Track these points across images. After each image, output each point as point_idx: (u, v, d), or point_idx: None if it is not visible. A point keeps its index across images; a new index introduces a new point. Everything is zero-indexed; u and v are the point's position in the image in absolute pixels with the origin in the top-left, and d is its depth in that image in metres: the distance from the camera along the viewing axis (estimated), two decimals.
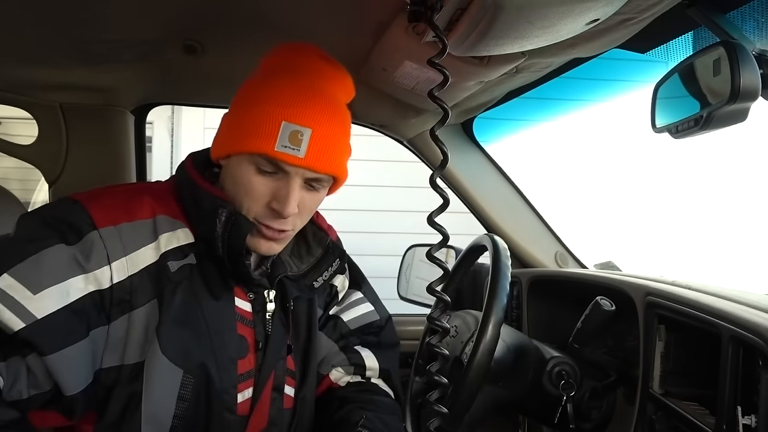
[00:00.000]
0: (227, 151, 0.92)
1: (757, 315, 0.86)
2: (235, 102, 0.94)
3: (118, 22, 1.12)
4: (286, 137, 0.86)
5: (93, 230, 0.85)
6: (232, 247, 0.90)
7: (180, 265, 0.91)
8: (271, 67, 0.94)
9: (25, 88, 1.57)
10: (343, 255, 1.10)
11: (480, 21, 0.75)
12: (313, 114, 0.88)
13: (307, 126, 0.87)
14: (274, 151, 0.86)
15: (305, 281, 1.04)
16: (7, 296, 0.79)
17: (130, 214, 0.90)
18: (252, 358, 0.96)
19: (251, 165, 0.89)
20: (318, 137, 0.88)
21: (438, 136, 0.72)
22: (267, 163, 0.88)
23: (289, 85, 0.90)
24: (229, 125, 0.93)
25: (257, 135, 0.87)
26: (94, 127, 1.66)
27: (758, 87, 0.80)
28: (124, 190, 0.96)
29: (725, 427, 0.84)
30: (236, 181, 0.91)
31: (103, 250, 0.85)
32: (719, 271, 3.92)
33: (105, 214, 0.87)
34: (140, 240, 0.89)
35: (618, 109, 3.77)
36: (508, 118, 1.98)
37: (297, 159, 0.87)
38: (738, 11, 0.89)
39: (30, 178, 3.64)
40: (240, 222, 0.90)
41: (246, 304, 0.97)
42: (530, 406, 1.24)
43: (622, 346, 1.28)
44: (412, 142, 1.79)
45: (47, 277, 0.81)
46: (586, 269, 1.72)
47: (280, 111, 0.87)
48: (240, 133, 0.89)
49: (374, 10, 1.02)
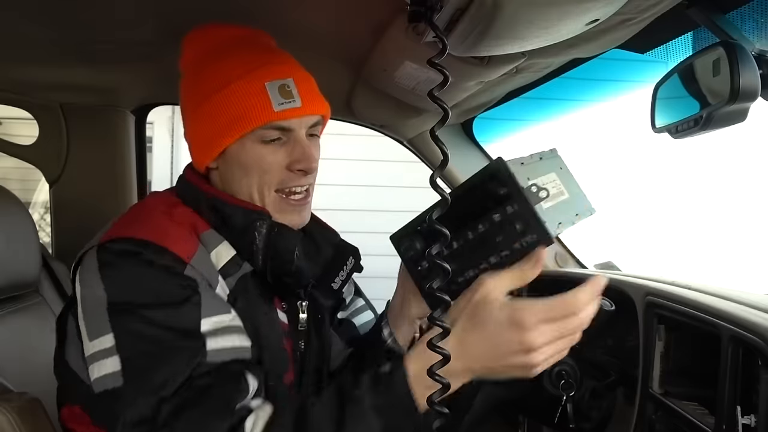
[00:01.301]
0: (221, 145, 0.88)
1: (757, 315, 0.86)
2: (192, 102, 0.90)
3: (119, 23, 1.12)
4: (277, 95, 0.84)
5: (186, 266, 0.82)
6: (277, 260, 0.87)
7: (237, 279, 0.87)
8: (201, 58, 0.91)
9: (25, 88, 1.57)
10: (357, 252, 1.06)
11: (480, 21, 0.75)
12: (282, 65, 0.88)
13: (287, 77, 0.86)
14: (275, 113, 0.84)
15: (323, 283, 1.00)
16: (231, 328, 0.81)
17: (191, 239, 0.85)
18: (292, 371, 0.93)
19: (255, 142, 0.87)
20: (301, 82, 0.87)
21: (438, 136, 0.72)
22: (271, 131, 0.86)
23: (237, 56, 0.88)
24: (207, 121, 0.88)
25: (249, 109, 0.84)
26: (94, 127, 1.66)
27: (758, 87, 0.80)
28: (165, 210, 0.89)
29: (725, 426, 0.84)
30: (246, 166, 0.88)
31: (204, 280, 0.83)
32: (719, 271, 3.92)
33: (182, 246, 0.83)
34: (209, 262, 0.86)
35: (618, 109, 3.77)
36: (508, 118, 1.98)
37: (297, 110, 0.86)
38: (737, 12, 0.89)
39: (30, 178, 3.64)
40: (284, 233, 0.87)
41: (283, 315, 0.94)
42: (530, 405, 1.24)
43: (622, 346, 1.28)
44: (412, 142, 1.79)
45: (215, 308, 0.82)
46: (586, 269, 1.73)
47: (254, 76, 0.85)
48: (227, 119, 0.86)
49: (374, 10, 1.02)
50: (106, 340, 0.77)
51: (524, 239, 0.72)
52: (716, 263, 4.04)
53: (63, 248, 1.68)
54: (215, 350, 0.78)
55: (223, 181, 0.92)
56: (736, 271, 3.93)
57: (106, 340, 0.77)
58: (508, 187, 0.72)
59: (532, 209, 0.71)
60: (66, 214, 1.68)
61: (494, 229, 0.74)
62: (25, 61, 1.37)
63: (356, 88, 1.44)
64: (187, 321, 0.79)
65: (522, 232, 0.72)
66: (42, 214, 3.39)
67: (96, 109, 1.65)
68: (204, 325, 0.79)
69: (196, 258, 0.83)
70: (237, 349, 0.81)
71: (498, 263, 0.75)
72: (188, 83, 0.93)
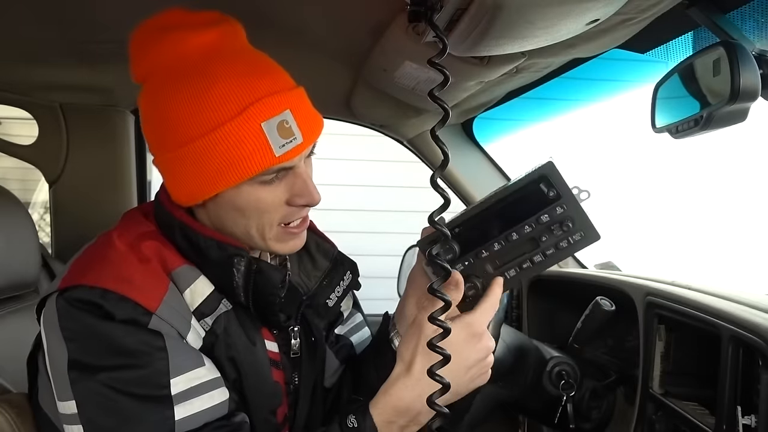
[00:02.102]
0: (211, 192, 0.78)
1: (757, 315, 0.86)
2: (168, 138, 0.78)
3: (118, 23, 1.12)
4: (276, 136, 0.75)
5: (151, 316, 0.75)
6: (260, 299, 0.81)
7: (215, 318, 0.81)
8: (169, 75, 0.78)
9: (25, 88, 1.57)
10: (355, 268, 0.99)
11: (480, 21, 0.75)
12: (277, 94, 0.76)
13: (284, 109, 0.76)
14: (276, 158, 0.75)
15: (317, 300, 0.94)
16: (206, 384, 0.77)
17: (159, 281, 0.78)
18: (286, 402, 0.89)
19: (252, 186, 0.77)
20: (297, 110, 0.77)
21: (438, 136, 0.72)
22: (273, 174, 0.77)
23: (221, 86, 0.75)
24: (192, 166, 0.77)
25: (246, 155, 0.74)
26: (94, 127, 1.66)
27: (758, 87, 0.80)
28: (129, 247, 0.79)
29: (725, 427, 0.84)
30: (242, 210, 0.79)
31: (172, 330, 0.76)
32: (719, 271, 3.92)
33: (145, 294, 0.76)
34: (181, 304, 0.79)
35: (618, 109, 3.77)
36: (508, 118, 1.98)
37: (300, 147, 0.76)
38: (738, 11, 0.89)
39: (29, 178, 3.63)
40: (264, 269, 0.81)
41: (273, 345, 0.88)
42: (530, 406, 1.24)
43: (622, 346, 1.28)
44: (412, 142, 1.79)
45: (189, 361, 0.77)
46: (586, 269, 1.72)
47: (249, 117, 0.74)
48: (219, 166, 0.75)
49: (374, 10, 1.02)
50: (71, 406, 0.73)
51: (572, 237, 0.78)
52: (716, 263, 4.04)
53: (63, 248, 1.68)
54: (188, 417, 0.74)
55: (213, 220, 0.83)
56: (736, 271, 3.93)
57: (71, 405, 0.73)
58: (557, 188, 0.77)
59: (581, 208, 0.78)
60: (66, 214, 1.68)
61: (540, 229, 0.78)
62: (25, 61, 1.37)
63: (356, 88, 1.44)
64: (152, 385, 0.73)
65: (570, 231, 0.78)
66: (42, 214, 3.39)
67: (96, 109, 1.65)
68: (175, 385, 0.74)
69: (164, 304, 0.76)
70: (212, 409, 0.76)
71: (542, 262, 0.80)
72: (155, 107, 0.80)
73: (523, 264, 0.80)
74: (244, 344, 0.83)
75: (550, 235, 0.78)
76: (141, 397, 0.72)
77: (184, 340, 0.78)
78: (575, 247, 0.78)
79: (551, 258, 0.79)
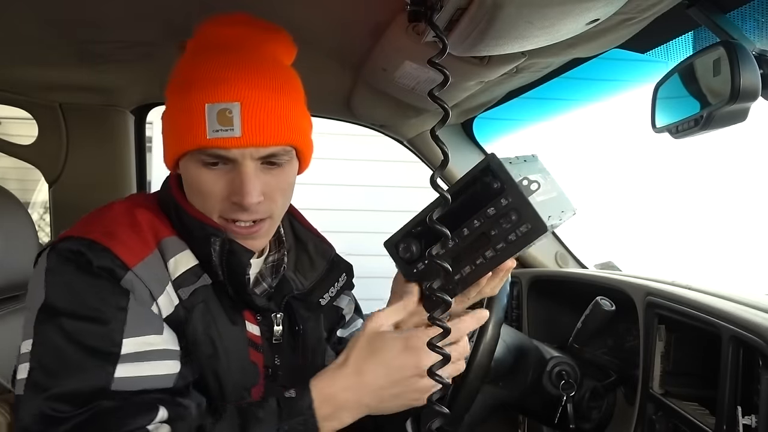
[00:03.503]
0: (172, 156, 0.84)
1: (757, 315, 0.86)
2: (167, 93, 0.86)
3: (118, 23, 1.12)
4: (214, 120, 0.77)
5: (128, 271, 0.78)
6: (233, 277, 0.85)
7: (192, 290, 0.84)
8: (194, 49, 0.86)
9: (25, 88, 1.57)
10: (350, 270, 1.03)
11: (480, 21, 0.75)
12: (237, 86, 0.78)
13: (232, 101, 0.77)
14: (206, 140, 0.77)
15: (311, 298, 0.97)
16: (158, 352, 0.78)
17: (145, 243, 0.82)
18: (263, 384, 0.90)
19: (197, 163, 0.81)
20: (250, 109, 0.78)
21: (438, 136, 0.72)
22: (209, 156, 0.80)
23: (211, 61, 0.81)
24: (166, 125, 0.85)
25: (188, 128, 0.79)
26: (94, 127, 1.66)
27: (758, 87, 0.80)
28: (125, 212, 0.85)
29: (725, 427, 0.84)
30: (189, 185, 0.84)
31: (144, 289, 0.79)
32: (719, 271, 3.92)
33: (128, 249, 0.80)
34: (162, 269, 0.82)
35: (618, 108, 3.77)
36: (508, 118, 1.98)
37: (234, 140, 0.77)
38: (738, 11, 0.89)
39: (29, 178, 3.64)
40: (236, 251, 0.84)
41: (255, 328, 0.90)
42: (530, 406, 1.24)
43: (622, 346, 1.28)
44: (412, 142, 1.79)
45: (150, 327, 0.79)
46: (586, 269, 1.73)
47: (201, 94, 0.78)
48: (175, 131, 0.82)
49: (374, 10, 1.02)
50: (27, 344, 0.76)
51: (519, 229, 0.75)
52: (716, 263, 4.04)
53: None
54: (128, 378, 0.75)
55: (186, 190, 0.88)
56: (736, 271, 3.93)
57: (28, 344, 0.76)
58: (501, 179, 0.75)
59: (525, 199, 0.74)
60: (65, 214, 1.68)
61: (489, 223, 0.77)
62: (24, 61, 1.37)
63: (356, 88, 1.44)
64: (104, 340, 0.75)
65: (516, 223, 0.75)
66: (41, 214, 3.39)
67: (96, 109, 1.64)
68: (127, 346, 0.76)
69: (144, 264, 0.80)
70: (155, 378, 0.77)
71: (494, 257, 0.77)
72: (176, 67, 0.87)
73: (476, 260, 0.78)
74: (224, 322, 0.86)
75: (499, 229, 0.76)
76: (90, 349, 0.74)
77: (154, 301, 0.80)
78: (525, 240, 0.75)
79: (503, 252, 0.77)
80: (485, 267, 0.78)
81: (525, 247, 0.76)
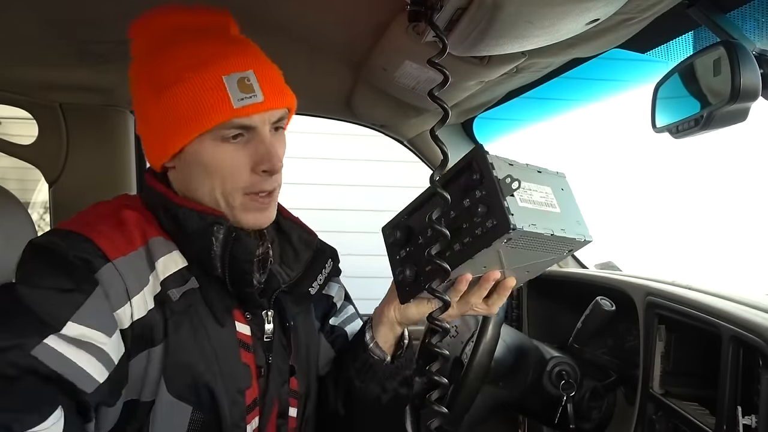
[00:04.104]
0: (177, 145, 0.82)
1: (757, 315, 0.86)
2: (142, 96, 0.84)
3: (118, 22, 1.12)
4: (236, 89, 0.78)
5: (107, 263, 0.76)
6: (235, 267, 0.82)
7: (182, 292, 0.81)
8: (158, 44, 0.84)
9: (25, 88, 1.57)
10: (335, 255, 1.01)
11: (480, 21, 0.75)
12: (245, 56, 0.81)
13: (247, 69, 0.80)
14: (234, 110, 0.78)
15: (299, 289, 0.95)
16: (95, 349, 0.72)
17: (130, 241, 0.80)
18: (256, 386, 0.88)
19: (215, 141, 0.80)
20: (263, 75, 0.81)
21: (438, 136, 0.72)
22: (231, 128, 0.80)
23: (191, 46, 0.81)
24: (159, 119, 0.82)
25: (206, 105, 0.78)
26: (94, 127, 1.66)
27: (758, 87, 0.80)
28: (110, 211, 0.84)
29: (725, 427, 0.84)
30: (207, 168, 0.82)
31: (121, 284, 0.76)
32: (720, 271, 3.92)
33: (111, 243, 0.77)
34: (145, 269, 0.80)
35: (618, 109, 3.77)
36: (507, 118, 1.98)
37: (259, 105, 0.79)
38: (738, 11, 0.89)
39: (28, 178, 3.63)
40: (242, 237, 0.82)
41: (245, 327, 0.87)
42: (530, 406, 1.24)
43: (622, 346, 1.28)
44: (412, 142, 1.79)
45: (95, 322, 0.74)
46: (587, 269, 1.72)
47: (210, 69, 0.78)
48: (182, 116, 0.79)
49: (374, 10, 1.02)
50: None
51: (486, 224, 0.72)
52: (716, 263, 4.04)
53: None
54: (56, 352, 0.70)
55: (182, 182, 0.86)
56: (736, 271, 3.93)
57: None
58: (480, 171, 0.74)
59: (497, 193, 0.72)
60: (65, 214, 1.67)
61: (463, 215, 0.75)
62: (24, 61, 1.36)
63: (356, 88, 1.44)
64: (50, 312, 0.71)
65: (484, 216, 0.72)
66: (41, 214, 3.39)
67: (96, 108, 1.64)
68: (68, 327, 0.71)
69: (126, 259, 0.77)
70: (80, 371, 0.71)
71: (461, 251, 0.75)
72: (138, 73, 0.86)
73: (446, 252, 0.75)
74: (212, 326, 0.83)
75: (470, 222, 0.74)
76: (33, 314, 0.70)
77: (128, 300, 0.76)
78: (489, 236, 0.71)
79: (469, 248, 0.74)
80: (454, 259, 0.75)
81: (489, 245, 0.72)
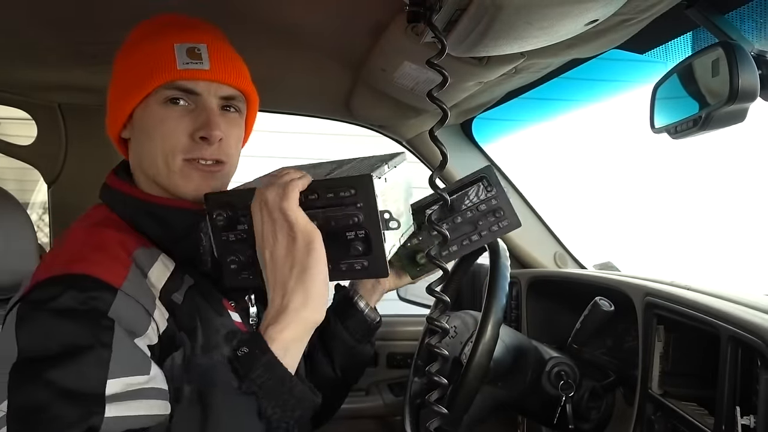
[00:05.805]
0: (127, 108, 0.83)
1: (757, 315, 0.86)
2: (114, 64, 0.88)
3: (115, 24, 1.12)
4: (184, 55, 0.81)
5: (116, 292, 0.73)
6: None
7: (183, 294, 0.82)
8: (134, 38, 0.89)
9: (24, 88, 1.57)
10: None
11: (479, 21, 0.75)
12: (202, 31, 0.85)
13: (200, 42, 0.83)
14: (177, 71, 0.80)
15: None
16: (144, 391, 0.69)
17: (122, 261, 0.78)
18: None
19: (158, 103, 0.82)
20: (216, 50, 0.83)
21: (437, 137, 0.72)
22: (174, 90, 0.81)
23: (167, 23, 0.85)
24: (114, 85, 0.86)
25: (154, 68, 0.80)
26: (93, 128, 1.66)
27: (757, 87, 0.80)
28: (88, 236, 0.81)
29: (724, 427, 0.84)
30: (149, 131, 0.83)
31: (137, 305, 0.74)
32: (719, 272, 3.93)
33: (109, 270, 0.75)
34: (146, 284, 0.78)
35: (617, 109, 3.77)
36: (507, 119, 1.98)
37: (203, 72, 0.81)
38: (737, 12, 0.89)
39: (27, 178, 3.63)
40: None
41: (236, 315, 0.89)
42: (529, 406, 1.24)
43: (621, 346, 1.28)
44: (411, 143, 1.79)
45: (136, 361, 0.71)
46: (585, 270, 1.73)
47: (163, 37, 0.82)
48: (132, 80, 0.82)
49: (373, 11, 1.02)
50: (3, 407, 0.66)
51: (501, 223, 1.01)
52: (716, 263, 4.04)
53: None
54: (120, 417, 0.66)
55: (135, 153, 0.88)
56: (736, 271, 3.93)
57: (3, 406, 0.66)
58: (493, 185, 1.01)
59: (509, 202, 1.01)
60: (64, 214, 1.67)
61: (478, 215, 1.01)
62: (23, 62, 1.37)
63: (355, 89, 1.44)
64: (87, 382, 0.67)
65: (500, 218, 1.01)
66: (40, 215, 3.39)
67: (94, 109, 1.64)
68: (110, 386, 0.67)
69: (129, 281, 0.75)
70: (139, 418, 0.68)
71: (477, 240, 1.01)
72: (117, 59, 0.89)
73: (463, 241, 1.01)
74: (214, 317, 0.84)
75: (485, 221, 1.00)
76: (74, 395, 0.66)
77: (151, 318, 0.75)
78: (504, 230, 1.01)
79: (486, 237, 1.01)
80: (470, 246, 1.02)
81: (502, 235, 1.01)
